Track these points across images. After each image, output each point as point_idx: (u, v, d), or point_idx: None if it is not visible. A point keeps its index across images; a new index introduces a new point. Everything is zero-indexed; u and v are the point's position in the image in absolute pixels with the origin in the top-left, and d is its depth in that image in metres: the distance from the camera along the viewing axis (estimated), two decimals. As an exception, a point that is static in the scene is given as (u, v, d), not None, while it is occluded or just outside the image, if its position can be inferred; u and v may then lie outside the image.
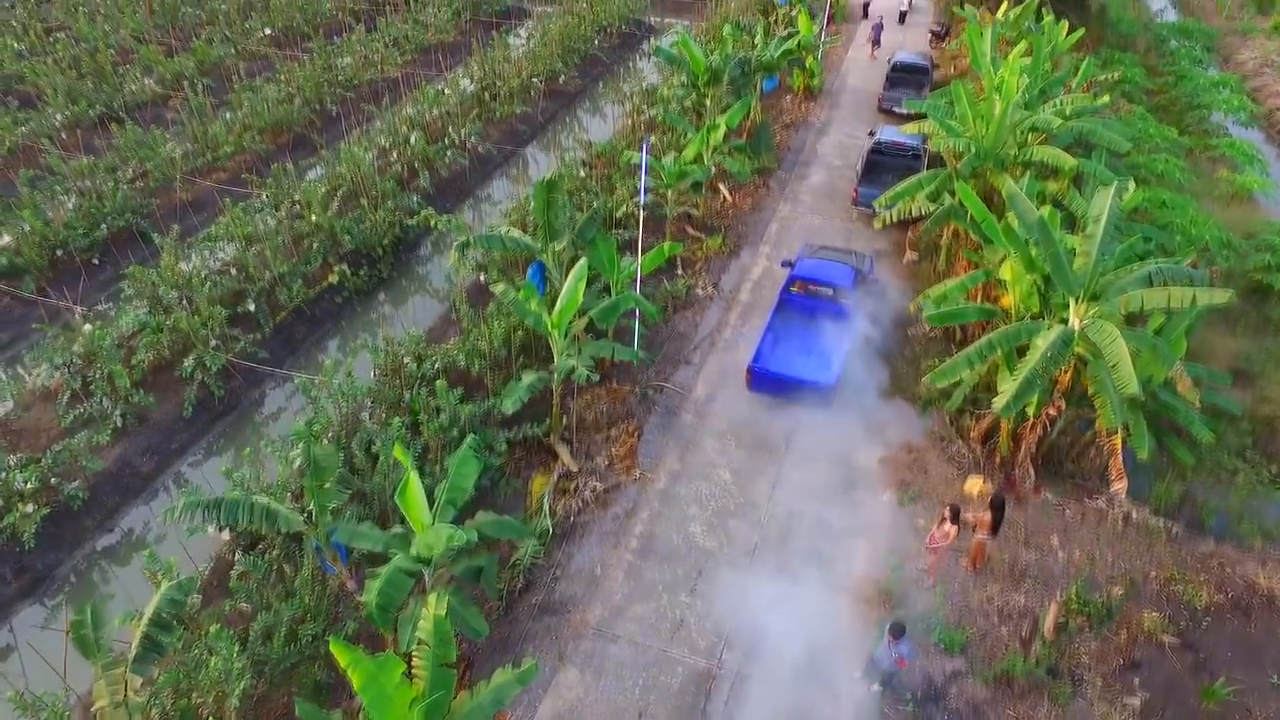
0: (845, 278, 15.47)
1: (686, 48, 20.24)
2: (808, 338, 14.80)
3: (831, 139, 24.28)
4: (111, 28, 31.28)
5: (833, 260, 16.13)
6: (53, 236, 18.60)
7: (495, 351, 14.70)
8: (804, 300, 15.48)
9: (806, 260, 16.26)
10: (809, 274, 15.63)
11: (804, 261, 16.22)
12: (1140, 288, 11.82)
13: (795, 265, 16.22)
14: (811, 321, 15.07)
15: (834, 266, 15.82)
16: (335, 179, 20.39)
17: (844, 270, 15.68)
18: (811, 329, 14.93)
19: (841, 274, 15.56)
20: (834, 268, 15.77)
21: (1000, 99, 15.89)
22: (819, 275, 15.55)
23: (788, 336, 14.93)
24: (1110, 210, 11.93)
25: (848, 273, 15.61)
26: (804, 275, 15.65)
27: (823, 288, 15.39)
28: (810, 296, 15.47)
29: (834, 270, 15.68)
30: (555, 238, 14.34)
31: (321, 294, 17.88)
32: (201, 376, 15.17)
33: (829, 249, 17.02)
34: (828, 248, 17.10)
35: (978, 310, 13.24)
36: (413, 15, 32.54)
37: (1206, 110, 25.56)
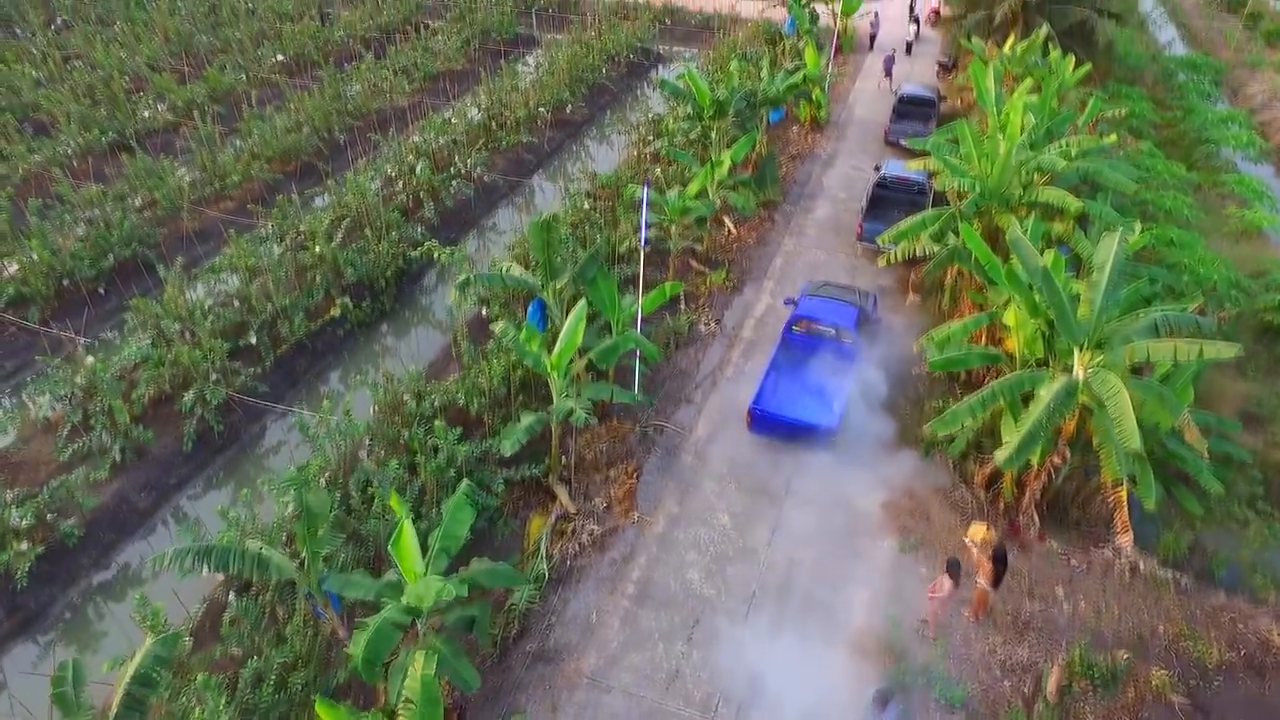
0: (848, 317, 15.34)
1: (692, 81, 20.30)
2: (810, 379, 14.63)
3: (838, 171, 24.27)
4: (128, 54, 31.72)
5: (836, 299, 15.99)
6: (60, 266, 18.72)
7: (495, 389, 14.64)
8: (806, 340, 15.35)
9: (809, 299, 16.14)
10: (811, 313, 15.51)
11: (806, 300, 16.11)
12: (1146, 336, 11.67)
13: (798, 304, 16.10)
14: (814, 362, 14.89)
15: (837, 306, 15.70)
16: (340, 209, 20.48)
17: (847, 310, 15.56)
18: (814, 370, 14.76)
19: (844, 314, 15.44)
20: (837, 307, 15.65)
21: (1005, 139, 15.83)
22: (821, 315, 15.43)
23: (790, 377, 14.78)
24: (1116, 257, 11.80)
25: (851, 312, 15.48)
26: (806, 315, 15.53)
27: (825, 327, 15.25)
28: (813, 336, 15.32)
29: (837, 310, 15.56)
30: (556, 276, 14.31)
31: (324, 326, 17.87)
32: (201, 411, 15.15)
33: (832, 286, 16.89)
34: (831, 285, 16.96)
35: (981, 355, 13.10)
36: (422, 43, 32.84)
37: (1215, 145, 25.43)
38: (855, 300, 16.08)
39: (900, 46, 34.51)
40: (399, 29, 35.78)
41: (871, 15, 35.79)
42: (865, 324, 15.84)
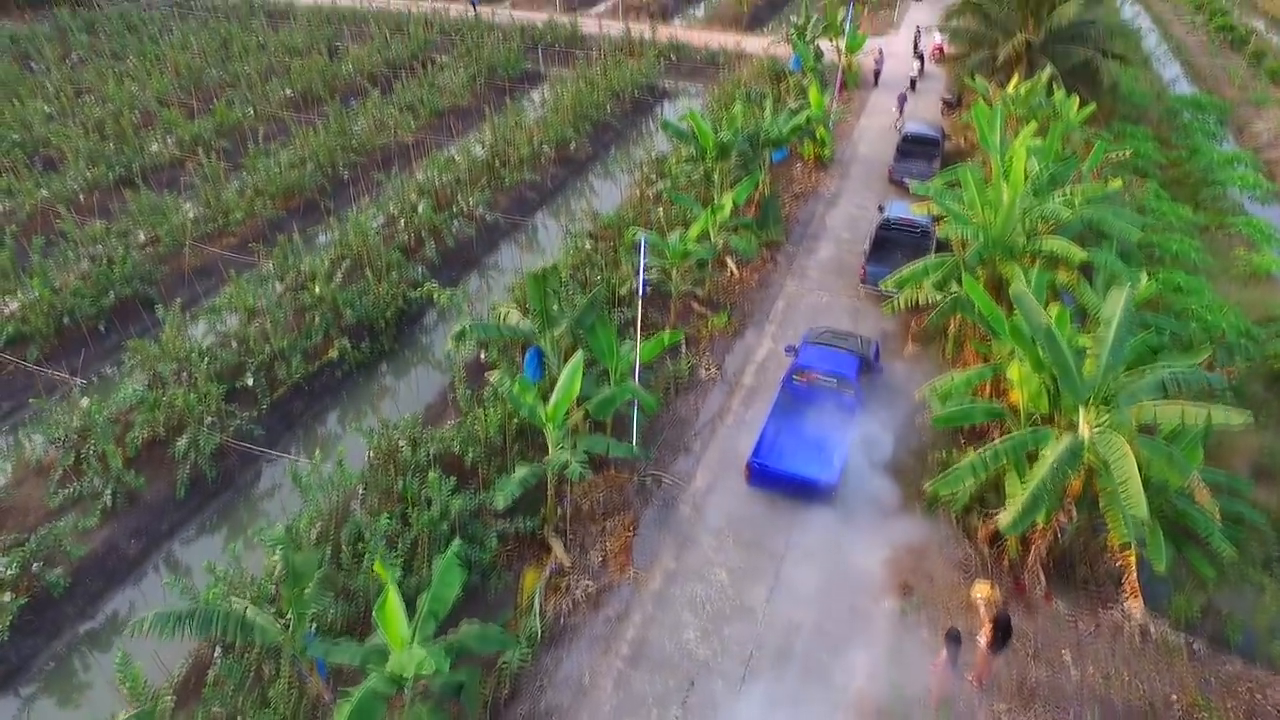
0: (849, 367, 15.11)
1: (695, 122, 20.31)
2: (810, 431, 14.37)
3: (841, 210, 24.18)
4: (139, 89, 32.09)
5: (837, 348, 15.76)
6: (60, 304, 18.71)
7: (491, 438, 14.44)
8: (807, 390, 15.11)
9: (809, 347, 15.91)
10: (812, 363, 15.28)
11: (807, 349, 15.89)
12: (1154, 394, 11.44)
13: (798, 353, 15.87)
14: (814, 413, 14.64)
15: (838, 355, 15.48)
16: (342, 248, 20.46)
17: (848, 359, 15.34)
18: (814, 422, 14.50)
19: (845, 363, 15.22)
20: (838, 356, 15.43)
21: (1008, 186, 15.70)
22: (822, 365, 15.20)
23: (789, 429, 14.52)
24: (1123, 312, 11.62)
25: (852, 362, 15.26)
26: (807, 364, 15.30)
27: (826, 378, 15.02)
28: (813, 386, 15.09)
29: (838, 359, 15.34)
30: (553, 324, 14.17)
31: (322, 368, 17.75)
32: (195, 457, 14.99)
33: (834, 333, 16.67)
34: (832, 332, 16.74)
35: (984, 411, 12.85)
36: (429, 79, 33.09)
37: (1221, 186, 25.27)
38: (857, 348, 15.85)
39: (902, 82, 34.65)
40: (406, 65, 36.09)
41: (876, 52, 35.97)
42: (867, 373, 15.60)
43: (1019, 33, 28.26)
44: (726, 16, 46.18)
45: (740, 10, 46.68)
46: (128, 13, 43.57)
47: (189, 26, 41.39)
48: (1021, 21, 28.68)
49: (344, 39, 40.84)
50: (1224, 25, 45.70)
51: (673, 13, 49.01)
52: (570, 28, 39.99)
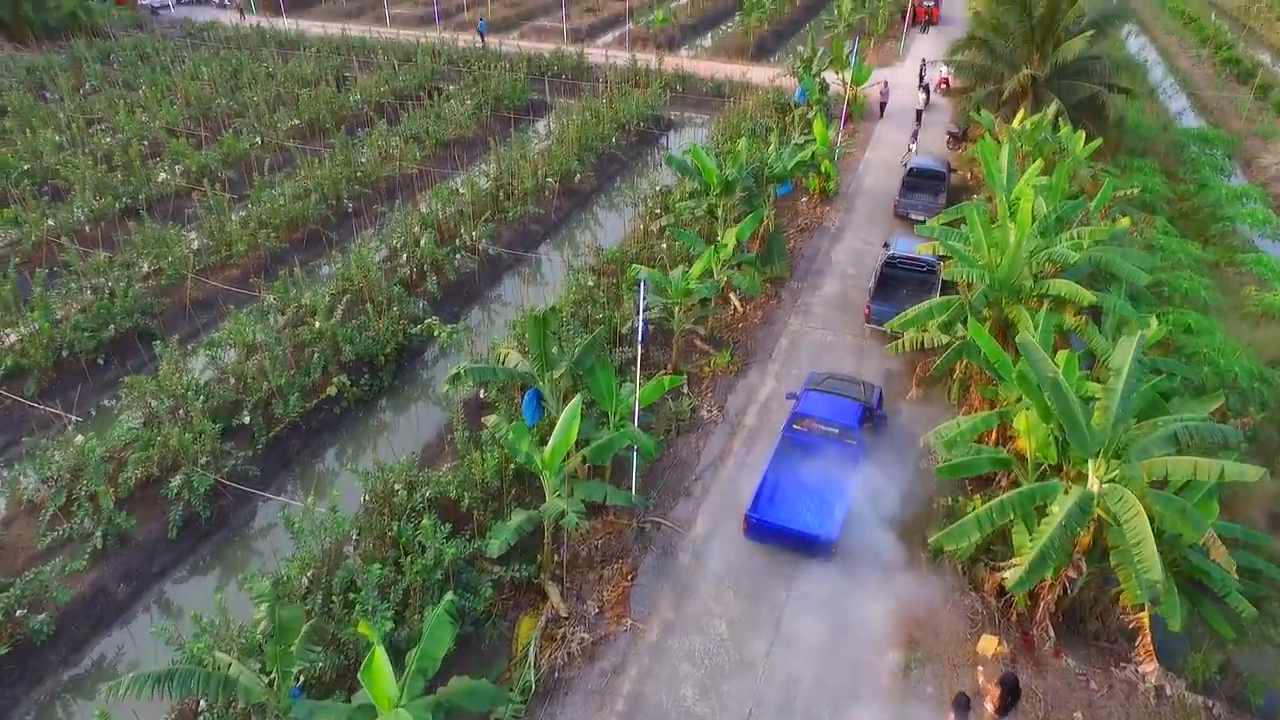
0: (851, 415, 14.86)
1: (698, 158, 20.23)
2: (810, 482, 13.97)
3: (846, 245, 24.02)
4: (149, 118, 32.34)
5: (838, 395, 15.44)
6: (60, 337, 18.64)
7: (488, 482, 14.20)
8: (807, 439, 14.74)
9: (810, 394, 15.60)
10: (813, 411, 15.04)
11: (808, 396, 15.61)
12: (1166, 446, 11.12)
13: (799, 400, 15.55)
14: (815, 463, 14.24)
15: (839, 403, 15.21)
16: (343, 281, 20.38)
17: (850, 407, 15.09)
18: (815, 472, 14.10)
19: (847, 411, 14.94)
20: (839, 404, 15.19)
21: (1015, 227, 15.50)
22: (824, 413, 14.88)
23: (789, 481, 14.11)
24: (1131, 362, 11.34)
25: (854, 410, 15.01)
26: (807, 413, 15.06)
27: (827, 426, 14.67)
28: (814, 434, 14.74)
29: (839, 407, 15.08)
30: (552, 366, 13.98)
31: (320, 405, 17.58)
32: (188, 496, 14.79)
33: (835, 378, 16.35)
34: (834, 378, 16.42)
35: (990, 460, 12.55)
36: (435, 109, 33.26)
37: (1230, 222, 25.03)
38: (859, 395, 15.51)
39: (907, 114, 34.68)
40: (413, 95, 36.31)
41: (881, 84, 36.03)
42: (869, 421, 15.26)
43: (1024, 67, 28.25)
44: (733, 47, 46.52)
45: (746, 41, 47.01)
46: (142, 43, 44.12)
47: (201, 56, 41.85)
48: (1027, 56, 28.67)
49: (353, 68, 41.23)
50: (1230, 58, 45.77)
51: (679, 43, 49.41)
52: (577, 58, 40.26)
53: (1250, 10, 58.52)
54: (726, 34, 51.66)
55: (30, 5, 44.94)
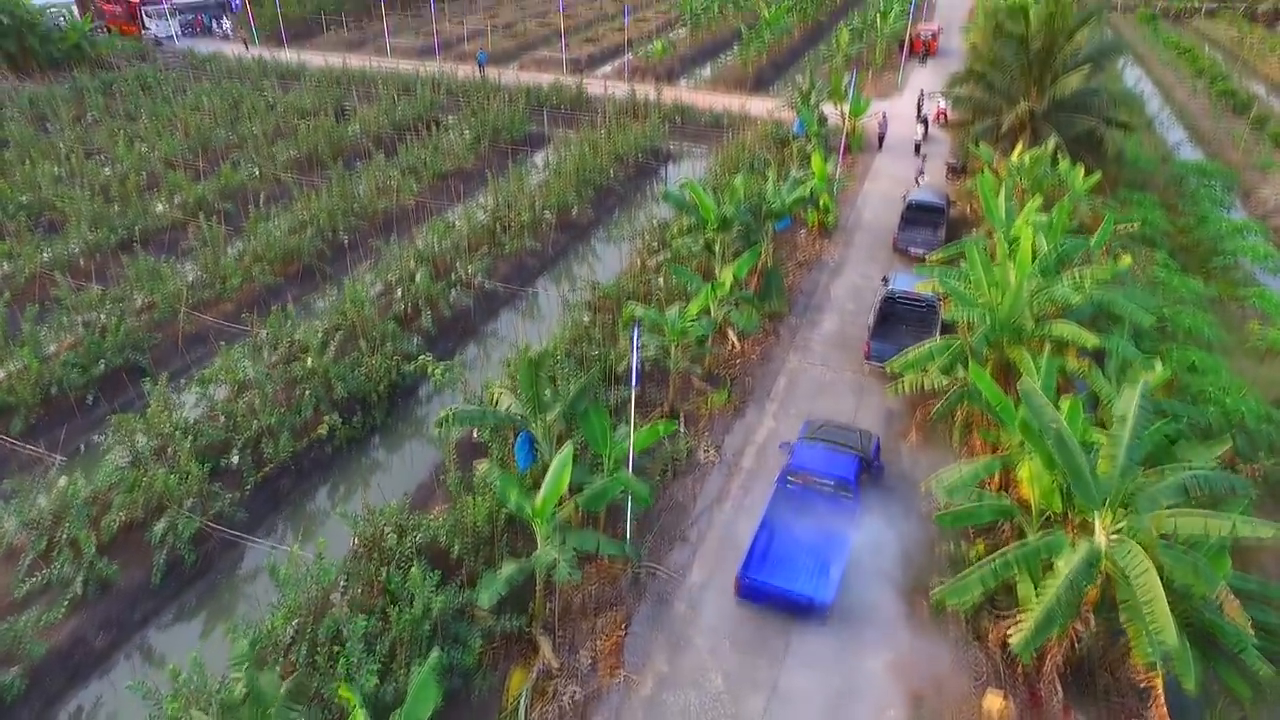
0: (848, 469, 14.20)
1: (696, 194, 20.12)
2: (805, 541, 13.42)
3: (845, 280, 23.85)
4: (149, 149, 32.38)
5: (834, 447, 14.91)
6: (48, 374, 18.40)
7: (479, 527, 13.86)
8: (802, 493, 14.22)
9: (805, 446, 15.08)
10: (808, 465, 14.40)
11: (802, 448, 14.99)
12: (1174, 497, 10.81)
13: (794, 452, 15.09)
14: (810, 519, 13.72)
15: (835, 456, 14.58)
16: (336, 317, 20.18)
17: (846, 460, 14.45)
18: (809, 529, 13.57)
19: (844, 465, 14.32)
20: (835, 458, 14.53)
21: (1015, 266, 15.32)
22: (819, 466, 14.30)
23: (782, 539, 13.56)
24: (1137, 410, 11.09)
25: (851, 463, 14.37)
26: (802, 466, 14.39)
27: (823, 481, 14.15)
28: (809, 488, 14.21)
29: (835, 460, 14.43)
30: (544, 410, 13.70)
31: (311, 445, 17.28)
32: (173, 541, 14.45)
33: (831, 427, 15.82)
34: (830, 426, 15.89)
35: (993, 509, 12.22)
36: (433, 141, 33.30)
37: (1232, 256, 24.89)
38: (856, 445, 15.02)
39: (906, 147, 34.76)
40: (411, 126, 36.39)
41: (880, 116, 36.14)
42: (867, 472, 14.78)
43: (1023, 101, 28.29)
44: (731, 78, 46.77)
45: (745, 72, 47.31)
46: (144, 74, 44.41)
47: (202, 87, 42.07)
48: (1025, 90, 28.72)
49: (353, 99, 41.42)
50: (1225, 90, 45.99)
51: (679, 74, 49.75)
52: (576, 90, 40.44)
53: (1243, 43, 59.04)
54: (725, 65, 51.96)
55: (36, 38, 45.33)
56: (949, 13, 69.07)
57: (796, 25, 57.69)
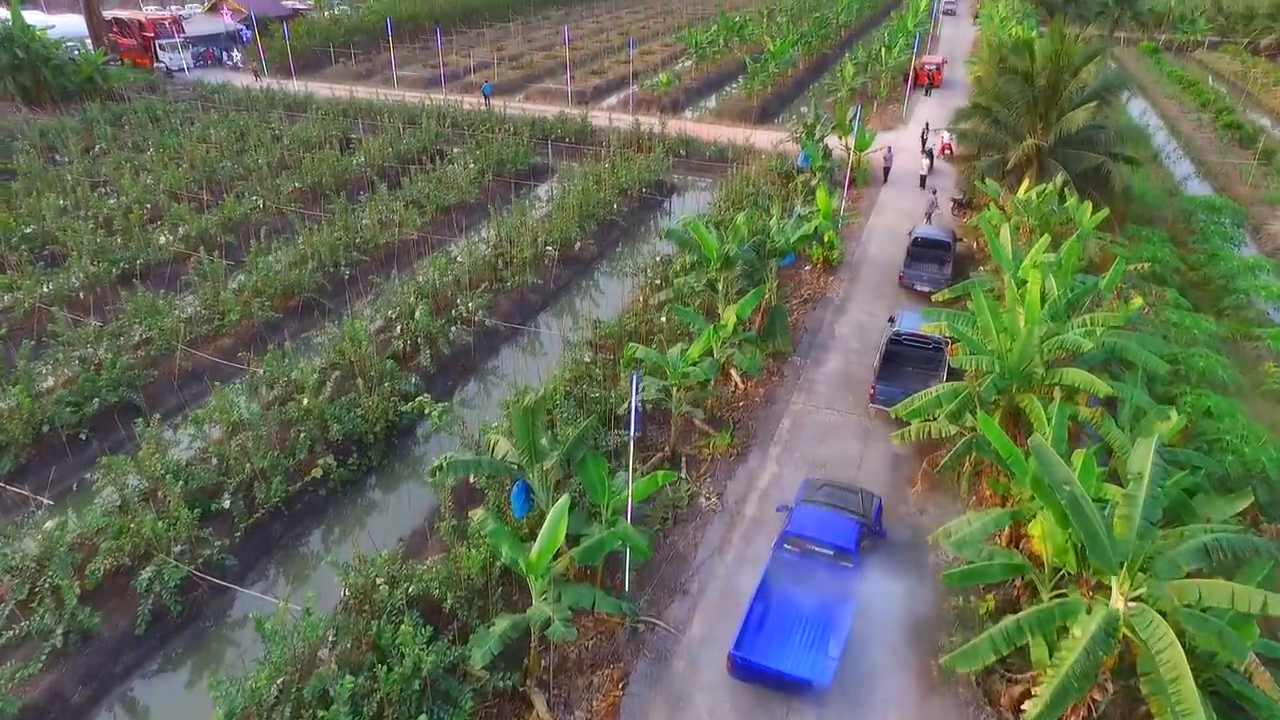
0: (848, 536, 13.41)
1: (698, 232, 19.89)
2: (802, 614, 12.76)
3: (850, 318, 23.52)
4: (154, 180, 32.46)
5: (834, 509, 14.32)
6: (40, 412, 18.13)
7: (474, 578, 13.46)
8: (799, 561, 13.51)
9: (803, 510, 14.21)
10: (805, 531, 13.60)
11: (800, 512, 14.17)
12: (1195, 561, 10.34)
13: (791, 516, 14.21)
14: (808, 589, 13.02)
15: (835, 521, 13.77)
16: (334, 355, 19.92)
17: (847, 526, 13.63)
18: (807, 601, 12.89)
19: (844, 532, 13.51)
20: (835, 523, 13.72)
21: (1024, 310, 14.98)
22: (818, 533, 13.50)
23: (778, 612, 12.83)
24: (1153, 467, 10.67)
25: (851, 530, 13.56)
26: (799, 533, 13.60)
27: (822, 549, 13.44)
28: (807, 556, 13.50)
29: (835, 527, 13.63)
30: (541, 458, 13.35)
31: (304, 488, 16.93)
32: (159, 590, 14.06)
33: (831, 487, 15.02)
34: (831, 485, 15.11)
35: (1003, 566, 11.76)
36: (437, 174, 33.30)
37: (1245, 295, 24.50)
38: (857, 508, 14.25)
39: (910, 180, 34.65)
40: (416, 158, 36.46)
41: (885, 149, 36.03)
42: (868, 538, 14.03)
43: (1028, 136, 28.17)
44: (736, 110, 46.92)
45: (750, 104, 47.46)
46: (153, 105, 44.75)
47: (210, 118, 42.33)
48: (1031, 125, 28.62)
49: (358, 130, 41.61)
50: (1230, 123, 45.94)
51: (684, 105, 49.94)
52: (581, 122, 40.54)
53: (1247, 76, 59.15)
54: (730, 97, 52.23)
55: (50, 70, 45.81)
56: (952, 45, 69.55)
57: (801, 57, 58.03)
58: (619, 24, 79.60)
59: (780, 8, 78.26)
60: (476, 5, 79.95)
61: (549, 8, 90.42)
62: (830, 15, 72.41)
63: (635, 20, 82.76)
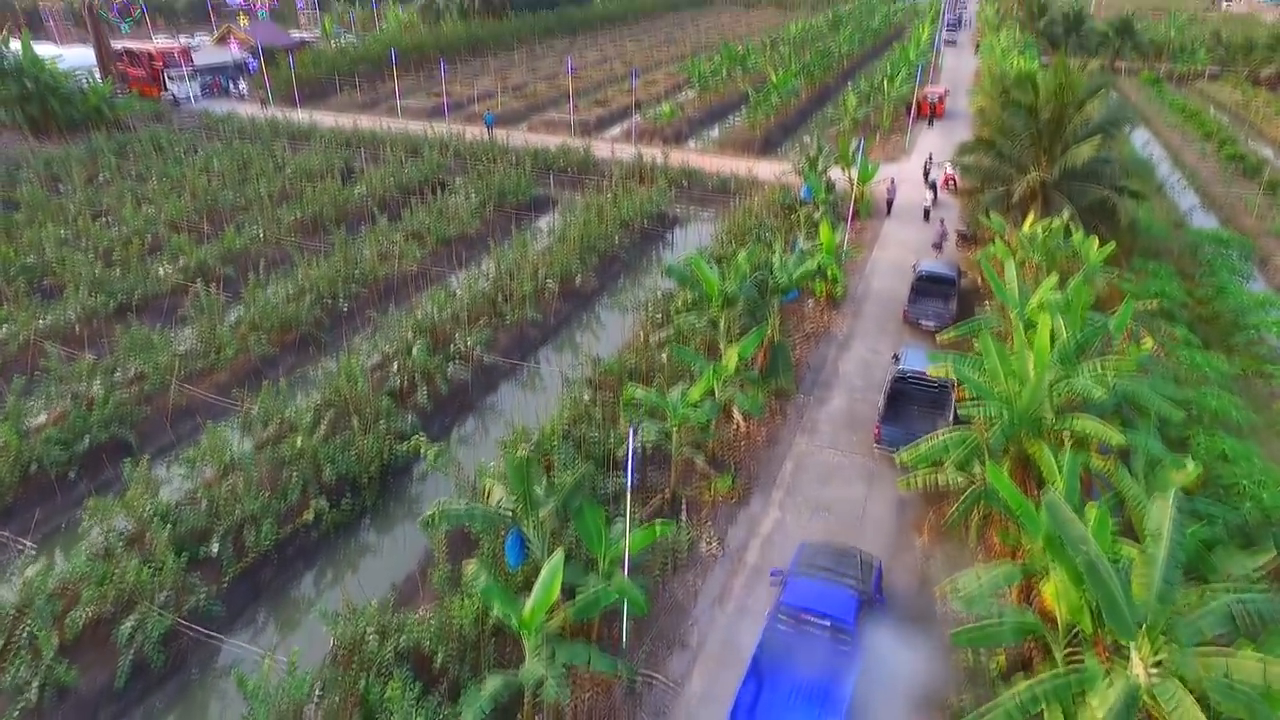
0: (847, 609, 12.65)
1: (699, 269, 19.63)
2: (798, 693, 12.02)
3: (854, 354, 23.16)
4: (156, 210, 32.41)
5: (831, 577, 13.34)
6: (28, 451, 17.81)
7: (466, 631, 13.01)
8: (795, 636, 12.73)
9: (798, 581, 13.37)
10: (801, 604, 12.84)
11: (795, 582, 13.35)
12: (1218, 625, 9.90)
13: (785, 585, 13.39)
14: (805, 662, 12.32)
15: (832, 593, 12.96)
16: (329, 393, 19.59)
17: (845, 599, 12.84)
18: (803, 679, 12.15)
19: (842, 604, 12.74)
20: (832, 595, 12.92)
21: (1033, 354, 14.62)
22: (814, 605, 12.77)
23: (772, 690, 12.06)
24: (1171, 526, 10.25)
25: (849, 603, 12.78)
26: (795, 605, 12.85)
27: (818, 622, 12.62)
28: (803, 630, 12.75)
29: (832, 599, 12.84)
30: (536, 508, 12.96)
31: (295, 532, 16.52)
32: (141, 642, 13.61)
33: (828, 552, 14.34)
34: (828, 552, 14.29)
35: (1015, 627, 11.28)
36: (438, 204, 33.21)
37: (1256, 331, 24.11)
38: (855, 576, 13.46)
39: (915, 212, 34.48)
40: (418, 189, 36.42)
41: (888, 181, 35.93)
42: (867, 608, 13.21)
43: (1033, 170, 27.96)
44: (739, 140, 46.98)
45: (753, 134, 47.54)
46: (158, 134, 44.96)
47: (214, 148, 42.48)
48: (1035, 159, 28.42)
49: (361, 160, 41.69)
50: (1234, 154, 45.81)
51: (686, 135, 50.06)
52: (583, 153, 40.57)
53: (1248, 106, 59.20)
54: (733, 127, 52.35)
55: (58, 101, 46.15)
56: (954, 75, 69.91)
57: (804, 88, 58.29)
58: (623, 53, 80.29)
59: (783, 38, 78.95)
60: (481, 35, 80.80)
61: (553, 37, 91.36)
62: (832, 46, 72.96)
63: (639, 49, 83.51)
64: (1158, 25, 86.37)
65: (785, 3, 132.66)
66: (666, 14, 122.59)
